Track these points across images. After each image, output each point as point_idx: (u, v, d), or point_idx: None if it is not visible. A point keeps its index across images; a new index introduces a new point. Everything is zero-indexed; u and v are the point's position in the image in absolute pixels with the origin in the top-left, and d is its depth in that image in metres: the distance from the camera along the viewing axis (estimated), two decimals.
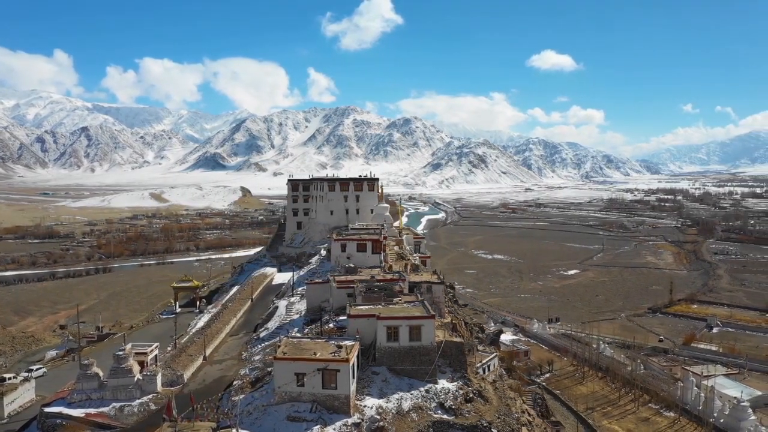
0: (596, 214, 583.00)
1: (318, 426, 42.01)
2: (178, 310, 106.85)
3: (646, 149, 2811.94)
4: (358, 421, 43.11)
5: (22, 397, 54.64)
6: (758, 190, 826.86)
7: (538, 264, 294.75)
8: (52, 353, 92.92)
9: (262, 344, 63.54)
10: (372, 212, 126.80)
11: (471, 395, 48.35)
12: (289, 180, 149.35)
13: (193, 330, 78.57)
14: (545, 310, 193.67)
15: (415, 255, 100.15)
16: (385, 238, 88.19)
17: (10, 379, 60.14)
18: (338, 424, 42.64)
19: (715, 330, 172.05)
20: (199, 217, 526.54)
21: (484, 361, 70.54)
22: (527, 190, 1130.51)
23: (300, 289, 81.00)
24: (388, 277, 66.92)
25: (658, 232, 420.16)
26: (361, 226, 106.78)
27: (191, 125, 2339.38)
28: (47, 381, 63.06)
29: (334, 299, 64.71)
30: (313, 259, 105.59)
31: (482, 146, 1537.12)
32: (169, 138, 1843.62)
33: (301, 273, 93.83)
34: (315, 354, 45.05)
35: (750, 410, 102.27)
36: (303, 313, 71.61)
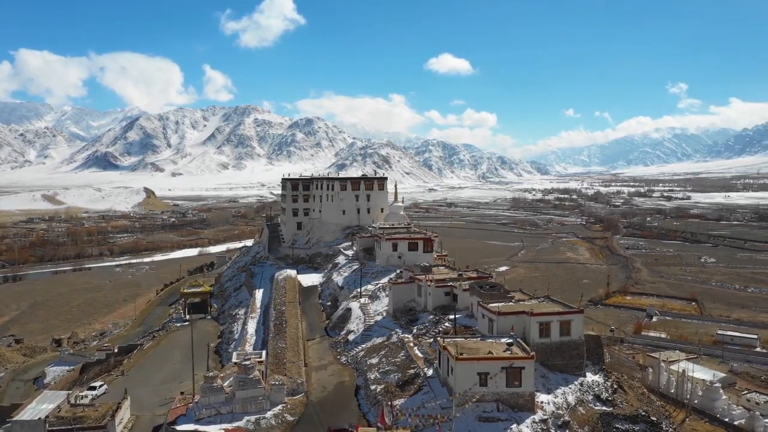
0: (505, 213, 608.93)
1: (515, 425, 41.56)
2: (188, 317, 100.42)
3: (534, 151, 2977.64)
4: (545, 417, 43.10)
5: (124, 416, 49.19)
6: (642, 190, 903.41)
7: (468, 261, 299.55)
8: (57, 369, 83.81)
9: (361, 347, 61.02)
10: (382, 211, 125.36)
11: (615, 386, 49.76)
12: (285, 179, 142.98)
13: (249, 337, 74.09)
14: None
15: (434, 253, 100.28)
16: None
17: (83, 398, 53.67)
18: (528, 421, 42.41)
19: (654, 319, 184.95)
20: (104, 220, 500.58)
21: None
22: (431, 190, 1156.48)
23: (363, 289, 78.69)
24: (473, 275, 66.87)
25: (567, 229, 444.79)
26: (388, 225, 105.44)
27: (76, 122, 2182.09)
28: (106, 398, 57.31)
29: (430, 298, 63.60)
30: (340, 260, 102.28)
31: (386, 147, 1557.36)
32: (54, 136, 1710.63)
33: (345, 275, 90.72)
34: (490, 353, 44.51)
35: (722, 391, 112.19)
36: (385, 313, 69.64)
